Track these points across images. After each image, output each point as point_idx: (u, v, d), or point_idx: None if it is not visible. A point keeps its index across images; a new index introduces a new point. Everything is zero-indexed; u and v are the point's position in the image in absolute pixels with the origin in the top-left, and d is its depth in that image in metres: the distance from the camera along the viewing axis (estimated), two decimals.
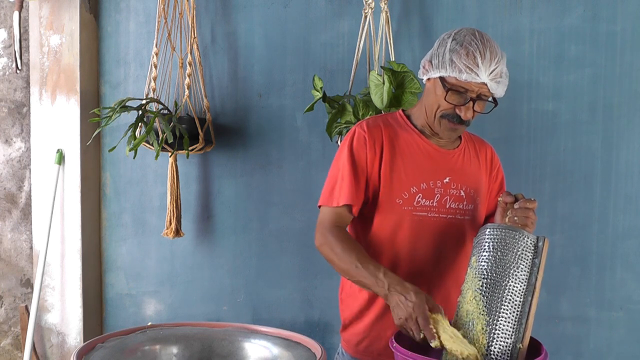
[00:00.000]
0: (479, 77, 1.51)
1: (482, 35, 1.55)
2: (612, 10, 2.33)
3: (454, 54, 1.53)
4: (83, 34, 2.67)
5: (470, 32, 1.56)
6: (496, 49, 1.54)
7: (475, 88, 1.54)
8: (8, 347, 2.88)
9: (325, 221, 1.61)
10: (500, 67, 1.54)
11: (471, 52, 1.51)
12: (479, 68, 1.50)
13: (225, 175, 2.65)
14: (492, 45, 1.54)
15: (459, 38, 1.55)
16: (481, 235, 1.44)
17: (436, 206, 1.63)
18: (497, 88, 1.55)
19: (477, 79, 1.51)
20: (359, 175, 1.62)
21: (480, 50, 1.51)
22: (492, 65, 1.52)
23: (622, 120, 2.35)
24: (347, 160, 1.62)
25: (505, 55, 1.57)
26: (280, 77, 2.59)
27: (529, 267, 1.38)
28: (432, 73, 1.59)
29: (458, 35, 1.56)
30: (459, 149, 1.71)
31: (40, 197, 2.74)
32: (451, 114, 1.58)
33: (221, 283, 2.68)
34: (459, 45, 1.53)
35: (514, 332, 1.34)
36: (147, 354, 1.50)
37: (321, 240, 1.60)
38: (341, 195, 1.60)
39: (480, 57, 1.51)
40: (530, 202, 1.51)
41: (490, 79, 1.52)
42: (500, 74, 1.54)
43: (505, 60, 1.56)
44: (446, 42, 1.56)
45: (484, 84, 1.53)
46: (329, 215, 1.61)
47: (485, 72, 1.51)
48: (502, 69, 1.54)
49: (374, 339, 1.68)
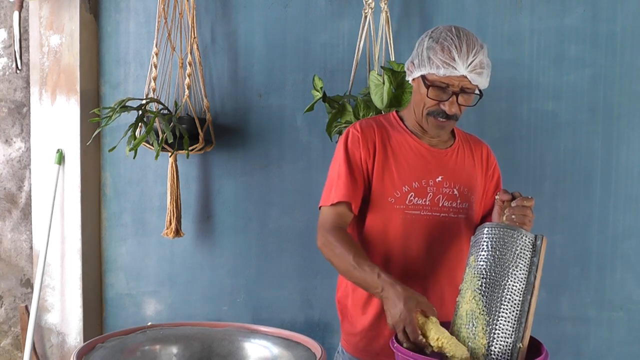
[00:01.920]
0: (457, 70, 1.53)
1: (458, 29, 1.57)
2: (612, 10, 2.33)
3: (430, 51, 1.56)
4: (83, 34, 2.67)
5: (446, 28, 1.58)
6: (474, 41, 1.55)
7: (455, 82, 1.55)
8: (8, 347, 2.88)
9: (325, 222, 1.62)
10: (479, 58, 1.54)
11: (446, 46, 1.53)
12: (456, 62, 1.52)
13: (225, 175, 2.65)
14: (469, 38, 1.55)
15: (435, 35, 1.57)
16: (479, 234, 1.44)
17: (429, 205, 1.64)
18: (479, 79, 1.56)
19: (456, 73, 1.53)
20: (356, 174, 1.64)
21: (455, 44, 1.53)
22: (470, 57, 1.53)
23: (622, 120, 2.35)
24: (343, 160, 1.64)
25: (485, 46, 1.58)
26: (280, 77, 2.59)
27: (527, 266, 1.38)
28: (415, 73, 1.62)
29: (434, 32, 1.59)
30: (452, 148, 1.72)
31: (40, 197, 2.73)
32: (436, 110, 1.60)
33: (221, 283, 2.68)
34: (435, 42, 1.56)
35: (514, 332, 1.34)
36: (147, 354, 1.50)
37: (322, 241, 1.62)
38: (338, 193, 1.62)
39: (455, 50, 1.52)
40: (528, 200, 1.50)
41: (469, 70, 1.53)
42: (480, 65, 1.55)
43: (485, 51, 1.57)
44: (423, 41, 1.59)
45: (464, 77, 1.54)
46: (329, 216, 1.63)
47: (462, 65, 1.52)
48: (481, 60, 1.55)
49: (373, 338, 1.69)
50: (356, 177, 1.63)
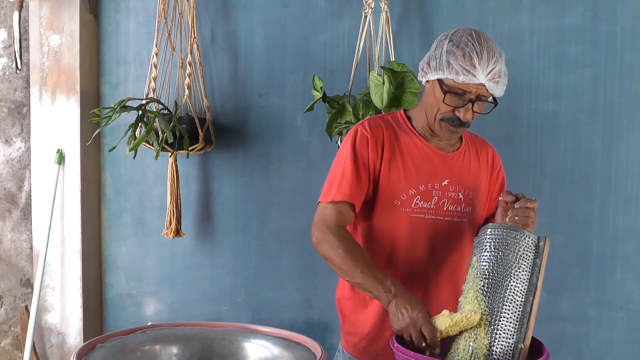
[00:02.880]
0: (476, 78, 1.50)
1: (479, 35, 1.53)
2: (612, 10, 2.33)
3: (450, 55, 1.51)
4: (83, 34, 2.66)
5: (467, 32, 1.54)
6: (494, 48, 1.52)
7: (473, 89, 1.52)
8: (8, 347, 2.88)
9: (326, 219, 1.57)
10: (498, 66, 1.52)
11: (467, 53, 1.49)
12: (476, 69, 1.49)
13: (225, 175, 2.65)
14: (490, 45, 1.52)
15: (455, 39, 1.53)
16: (482, 235, 1.44)
17: (434, 208, 1.63)
18: (496, 88, 1.54)
19: (475, 80, 1.50)
20: (362, 174, 1.61)
21: (477, 51, 1.49)
22: (490, 65, 1.50)
23: (622, 120, 2.35)
24: (349, 159, 1.61)
25: (503, 54, 1.55)
26: (280, 77, 2.59)
27: (530, 267, 1.38)
28: (430, 75, 1.58)
29: (455, 36, 1.54)
30: (459, 152, 1.71)
31: (40, 197, 2.73)
32: (451, 117, 1.57)
33: (221, 283, 2.68)
34: (455, 47, 1.51)
35: (515, 332, 1.34)
36: (147, 354, 1.50)
37: (320, 238, 1.56)
38: (342, 192, 1.58)
39: (477, 57, 1.49)
40: (531, 201, 1.50)
41: (488, 79, 1.51)
42: (498, 73, 1.52)
43: (503, 59, 1.54)
44: (443, 44, 1.54)
45: (482, 85, 1.51)
46: (330, 213, 1.58)
47: (482, 73, 1.49)
48: (500, 69, 1.53)
49: (373, 339, 1.68)
50: (361, 177, 1.60)
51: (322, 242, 1.56)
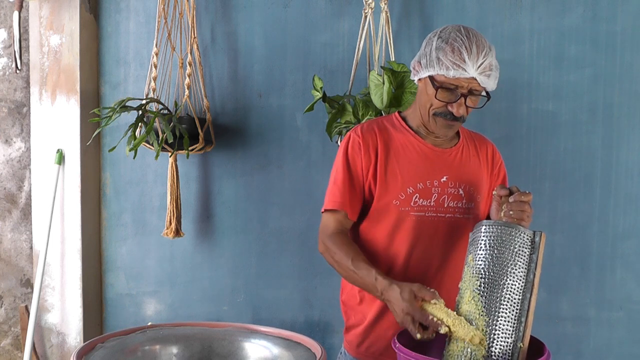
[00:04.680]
0: (466, 72, 1.51)
1: (467, 30, 1.54)
2: (612, 10, 2.33)
3: (440, 51, 1.53)
4: (83, 34, 2.66)
5: (455, 28, 1.55)
6: (483, 42, 1.53)
7: (464, 84, 1.53)
8: (8, 347, 2.88)
9: (325, 228, 1.65)
10: (489, 60, 1.53)
11: (457, 47, 1.51)
12: (466, 63, 1.50)
13: (225, 175, 2.65)
14: (479, 39, 1.53)
15: (444, 35, 1.55)
16: (477, 232, 1.43)
17: (434, 205, 1.63)
18: (488, 82, 1.55)
19: (465, 74, 1.51)
20: (354, 181, 1.64)
21: (465, 46, 1.51)
22: (480, 59, 1.51)
23: (622, 120, 2.35)
24: (342, 167, 1.65)
25: (493, 48, 1.56)
26: (280, 77, 2.59)
27: (526, 263, 1.37)
28: (422, 73, 1.60)
29: (443, 32, 1.56)
30: (457, 147, 1.71)
31: (40, 197, 2.73)
32: (444, 111, 1.58)
33: (221, 283, 2.68)
34: (445, 43, 1.53)
35: (514, 331, 1.33)
36: (147, 354, 1.50)
37: (322, 248, 1.65)
38: (335, 200, 1.64)
39: (466, 52, 1.50)
40: (525, 195, 1.49)
41: (479, 72, 1.52)
42: (489, 67, 1.53)
43: (494, 53, 1.55)
44: (432, 41, 1.56)
45: (473, 79, 1.53)
46: (328, 221, 1.65)
47: (472, 67, 1.51)
48: (490, 62, 1.54)
49: (375, 340, 1.68)
50: (354, 185, 1.64)
51: (323, 252, 1.65)
